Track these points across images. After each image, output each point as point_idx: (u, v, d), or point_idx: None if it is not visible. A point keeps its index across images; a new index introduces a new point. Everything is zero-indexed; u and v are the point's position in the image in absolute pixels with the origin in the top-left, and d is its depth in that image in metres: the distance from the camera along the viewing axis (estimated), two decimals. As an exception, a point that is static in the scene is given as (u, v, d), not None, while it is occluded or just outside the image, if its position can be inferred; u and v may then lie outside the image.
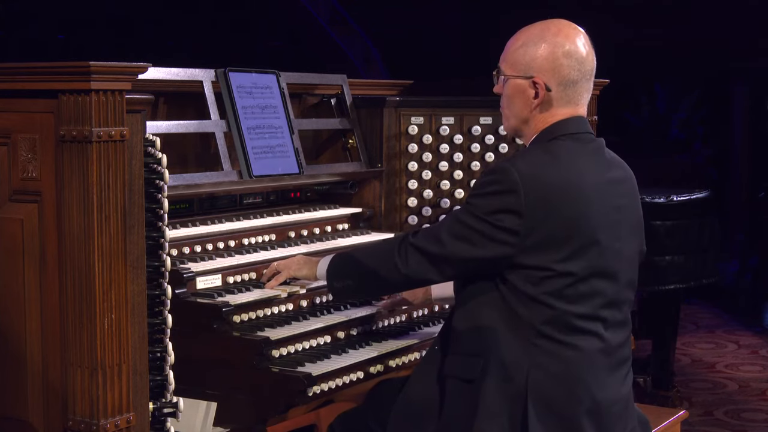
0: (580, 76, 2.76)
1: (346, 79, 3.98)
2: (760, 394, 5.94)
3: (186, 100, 3.44)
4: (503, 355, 2.65)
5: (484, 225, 2.65)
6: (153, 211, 2.53)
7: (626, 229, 2.78)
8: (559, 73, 2.74)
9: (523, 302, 2.65)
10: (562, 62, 2.73)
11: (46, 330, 2.47)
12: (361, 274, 2.95)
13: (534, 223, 2.62)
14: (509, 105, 2.84)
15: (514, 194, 2.62)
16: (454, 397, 2.73)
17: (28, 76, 2.44)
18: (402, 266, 2.79)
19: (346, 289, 3.01)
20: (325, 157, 4.00)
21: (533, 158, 2.72)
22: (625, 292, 2.78)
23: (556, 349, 2.64)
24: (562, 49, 2.74)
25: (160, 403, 2.57)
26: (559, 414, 2.63)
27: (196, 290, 3.05)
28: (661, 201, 5.23)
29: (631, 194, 2.85)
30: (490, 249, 2.65)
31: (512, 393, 2.63)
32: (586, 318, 2.67)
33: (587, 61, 2.77)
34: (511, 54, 2.80)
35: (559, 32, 2.76)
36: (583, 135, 2.78)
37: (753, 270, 8.45)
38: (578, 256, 2.64)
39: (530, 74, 2.76)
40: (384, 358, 3.16)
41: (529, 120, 2.80)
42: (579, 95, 2.78)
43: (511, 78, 2.80)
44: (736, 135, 9.36)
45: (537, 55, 2.74)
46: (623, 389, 2.77)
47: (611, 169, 2.80)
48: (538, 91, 2.75)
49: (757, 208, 8.69)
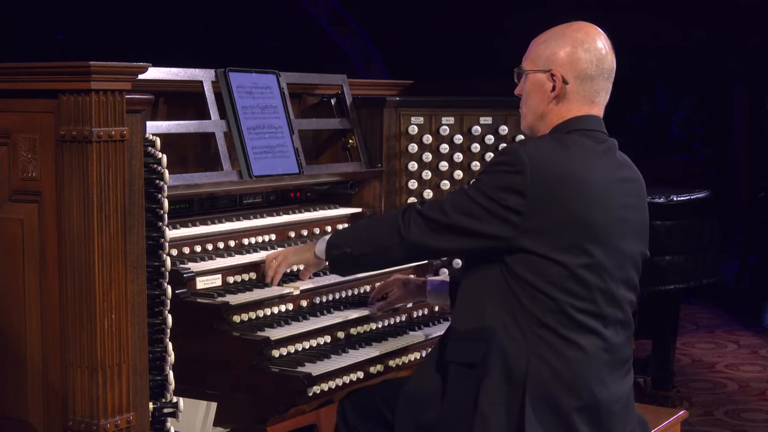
0: (597, 73, 2.81)
1: (346, 79, 3.98)
2: (760, 394, 5.94)
3: (186, 100, 3.44)
4: (505, 342, 2.67)
5: (488, 201, 2.69)
6: (153, 211, 2.53)
7: (631, 229, 2.80)
8: (577, 67, 2.79)
9: (526, 291, 2.67)
10: (581, 56, 2.79)
11: (46, 330, 2.47)
12: (360, 241, 2.98)
13: (536, 205, 2.65)
14: (527, 101, 2.89)
15: (520, 174, 2.66)
16: (456, 382, 2.76)
17: (28, 76, 2.44)
18: (404, 231, 2.83)
19: (345, 257, 3.00)
20: (325, 157, 4.00)
21: (544, 144, 2.77)
22: (626, 292, 2.79)
23: (558, 344, 2.66)
24: (582, 45, 2.80)
25: (160, 403, 2.57)
26: (556, 407, 2.65)
27: (196, 290, 3.05)
28: (661, 201, 5.23)
29: (640, 196, 2.88)
30: (492, 226, 2.69)
31: (512, 381, 2.66)
32: (586, 313, 2.68)
33: (606, 60, 2.82)
34: (533, 51, 2.87)
35: (580, 29, 2.83)
36: (597, 133, 2.82)
37: (753, 270, 8.46)
38: (579, 248, 2.66)
39: (549, 67, 2.81)
40: (384, 358, 3.16)
41: (545, 115, 2.84)
42: (596, 92, 2.82)
43: (530, 73, 2.86)
44: (736, 135, 9.36)
45: (557, 49, 2.81)
46: (623, 388, 2.78)
47: (621, 169, 2.83)
48: (555, 83, 2.80)
49: (757, 208, 8.70)
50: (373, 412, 3.00)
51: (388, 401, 2.97)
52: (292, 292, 3.20)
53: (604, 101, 2.87)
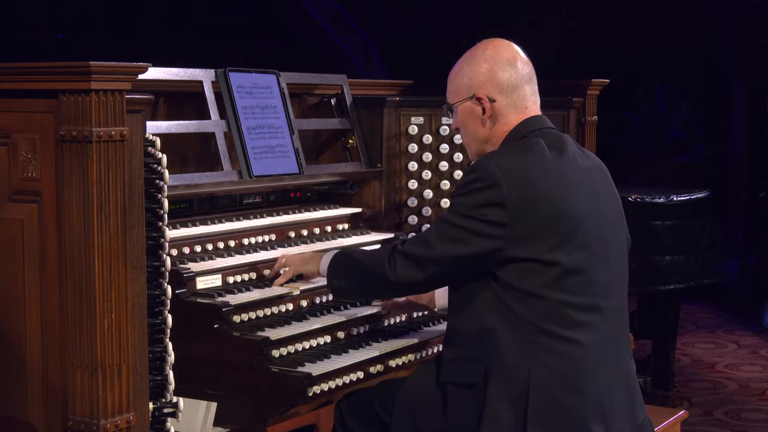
0: (519, 80, 2.84)
1: (346, 79, 3.98)
2: (760, 394, 5.94)
3: (186, 100, 3.44)
4: (503, 356, 2.66)
5: (470, 222, 2.68)
6: (153, 211, 2.53)
7: (609, 215, 2.82)
8: (498, 82, 2.83)
9: (520, 299, 2.66)
10: (496, 71, 2.83)
11: (46, 330, 2.47)
12: (355, 278, 3.01)
13: (519, 212, 2.65)
14: (465, 132, 2.92)
15: (495, 187, 2.66)
16: (457, 402, 2.75)
17: (28, 76, 2.44)
18: (391, 274, 2.83)
19: (343, 288, 3.08)
20: (325, 157, 4.00)
21: (509, 152, 2.78)
22: (618, 279, 2.80)
23: (556, 345, 2.65)
24: (494, 61, 2.83)
25: (160, 403, 2.57)
26: (559, 408, 2.64)
27: (196, 290, 3.05)
28: (661, 201, 5.23)
29: (606, 182, 2.89)
30: (479, 244, 2.68)
31: (515, 393, 2.64)
32: (582, 309, 2.68)
33: (521, 65, 2.85)
34: (453, 83, 2.92)
35: (487, 48, 2.87)
36: (548, 130, 2.84)
37: (753, 270, 8.45)
38: (566, 244, 2.66)
39: (471, 93, 2.85)
40: (384, 358, 3.16)
41: (488, 137, 2.87)
42: (525, 99, 2.85)
43: (458, 104, 2.89)
44: (736, 135, 9.35)
45: (472, 73, 2.85)
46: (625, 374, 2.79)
47: (582, 158, 2.84)
48: (484, 105, 2.83)
49: (756, 208, 8.69)
50: (370, 414, 3.00)
51: (386, 404, 2.96)
52: (292, 292, 3.20)
53: (536, 102, 2.89)
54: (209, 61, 3.76)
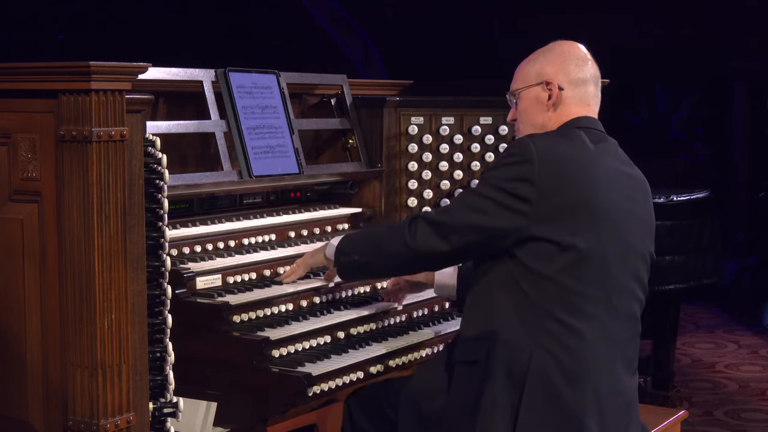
0: (587, 77, 2.89)
1: (346, 79, 3.98)
2: (760, 394, 5.94)
3: (186, 100, 3.44)
4: (508, 335, 2.68)
5: (498, 193, 2.71)
6: (153, 211, 2.53)
7: (639, 225, 2.82)
8: (569, 74, 2.87)
9: (533, 281, 2.68)
10: (570, 64, 2.88)
11: (46, 330, 2.47)
12: (367, 249, 2.99)
13: (546, 192, 2.67)
14: (524, 119, 2.93)
15: (528, 163, 2.68)
16: (459, 379, 2.78)
17: (28, 76, 2.44)
18: (410, 240, 2.83)
19: (352, 264, 3.03)
20: (325, 157, 4.00)
21: (550, 136, 2.81)
22: (635, 287, 2.80)
23: (562, 333, 2.66)
24: (569, 56, 2.89)
25: (160, 403, 2.57)
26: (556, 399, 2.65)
27: (196, 290, 3.05)
28: (661, 201, 5.23)
29: (645, 195, 2.90)
30: (503, 218, 2.70)
31: (514, 375, 2.66)
32: (594, 301, 2.69)
33: (591, 65, 2.91)
34: (522, 71, 2.94)
35: (563, 45, 2.93)
36: (597, 131, 2.87)
37: (753, 270, 8.45)
38: (586, 231, 2.67)
39: (541, 80, 2.88)
40: (384, 358, 3.16)
41: (545, 124, 2.88)
42: (589, 96, 2.90)
43: (523, 90, 2.91)
44: (736, 135, 9.36)
45: (546, 63, 2.89)
46: (627, 386, 2.79)
47: (626, 165, 2.87)
48: (552, 92, 2.86)
49: (756, 208, 8.70)
50: (378, 411, 3.02)
51: (393, 401, 2.97)
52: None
53: (597, 104, 2.93)
54: (209, 61, 3.76)
